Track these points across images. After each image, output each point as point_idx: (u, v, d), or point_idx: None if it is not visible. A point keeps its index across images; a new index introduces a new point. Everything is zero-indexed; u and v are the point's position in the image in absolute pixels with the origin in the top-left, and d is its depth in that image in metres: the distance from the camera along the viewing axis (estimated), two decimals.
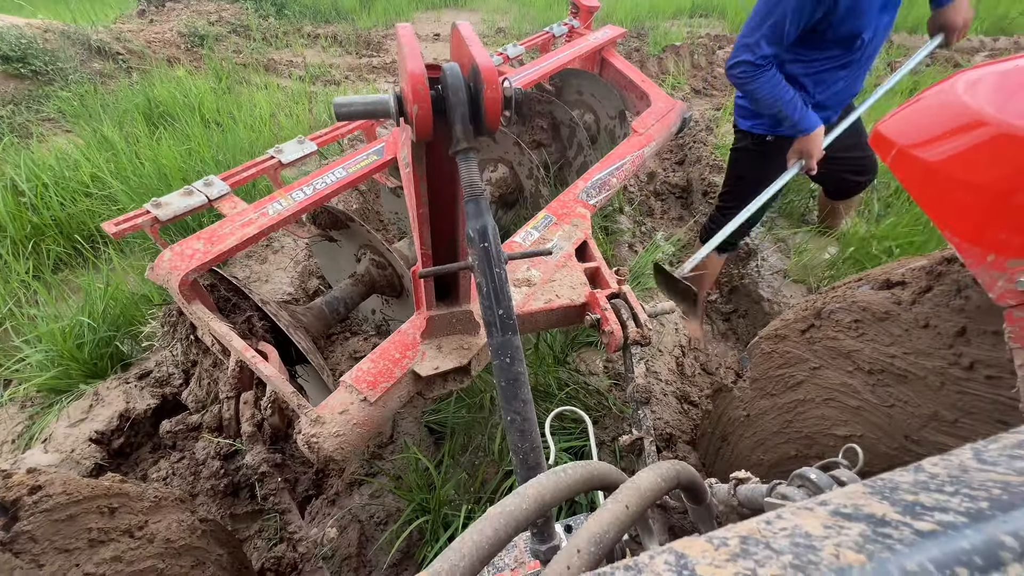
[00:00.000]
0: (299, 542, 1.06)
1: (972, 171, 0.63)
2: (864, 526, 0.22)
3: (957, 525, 0.21)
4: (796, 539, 0.22)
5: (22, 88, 4.03)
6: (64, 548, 0.68)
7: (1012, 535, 0.20)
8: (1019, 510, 0.21)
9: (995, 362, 0.72)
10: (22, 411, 1.78)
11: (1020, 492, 0.23)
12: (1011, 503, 0.22)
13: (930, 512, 0.23)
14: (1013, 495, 0.23)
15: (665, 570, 0.21)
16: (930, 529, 0.21)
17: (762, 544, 0.22)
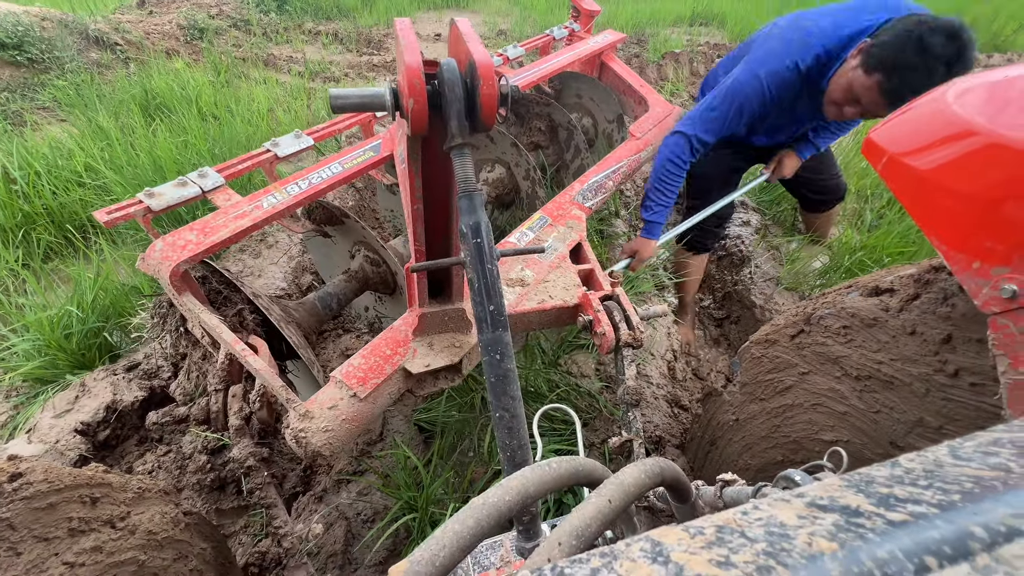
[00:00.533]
0: (284, 537, 1.05)
1: (961, 180, 0.64)
2: (838, 516, 0.23)
3: (929, 516, 0.21)
4: (771, 528, 0.22)
5: (17, 76, 4.00)
6: (43, 537, 0.67)
7: (982, 526, 0.20)
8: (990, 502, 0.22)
9: (979, 369, 0.73)
10: (7, 401, 1.75)
11: (991, 486, 0.23)
12: (982, 495, 0.22)
13: (903, 504, 0.23)
14: (985, 488, 0.23)
15: (640, 556, 0.21)
16: (902, 519, 0.21)
17: (737, 533, 0.22)
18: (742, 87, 1.77)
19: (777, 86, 1.72)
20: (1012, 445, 0.27)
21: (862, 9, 1.67)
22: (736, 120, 1.81)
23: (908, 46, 1.43)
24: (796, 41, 1.69)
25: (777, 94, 1.74)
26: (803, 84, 1.72)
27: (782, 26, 1.80)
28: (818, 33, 1.66)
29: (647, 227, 1.97)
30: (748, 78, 1.75)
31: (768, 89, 1.73)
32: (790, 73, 1.70)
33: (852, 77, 1.58)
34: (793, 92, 1.74)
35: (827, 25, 1.66)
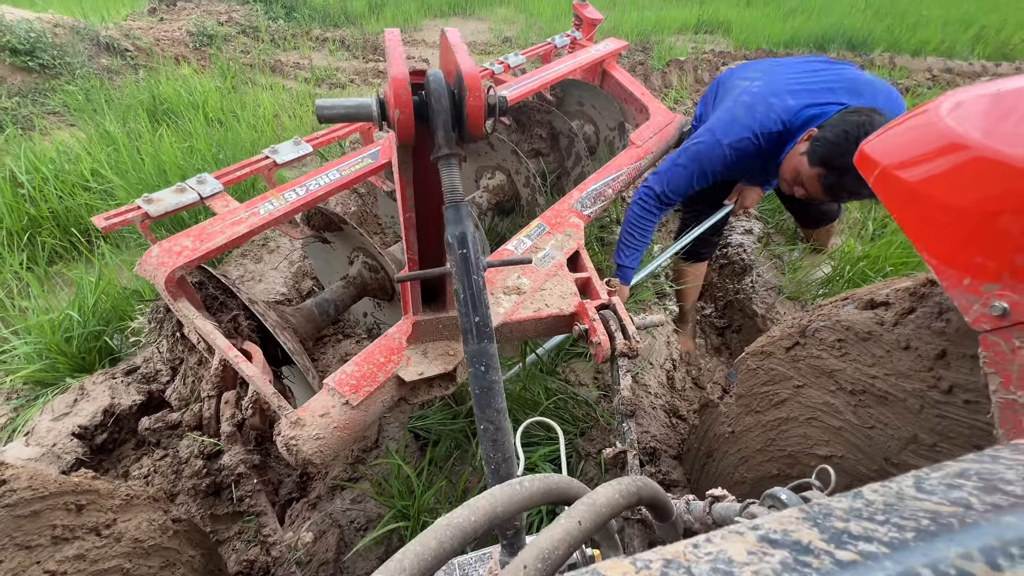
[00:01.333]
0: (273, 546, 1.05)
1: (951, 194, 0.63)
2: (787, 553, 0.22)
3: (878, 556, 0.21)
4: (718, 564, 0.22)
5: (29, 81, 4.07)
6: (25, 545, 0.67)
7: (930, 568, 0.19)
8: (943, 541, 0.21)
9: (973, 386, 0.71)
10: (7, 403, 1.77)
11: (947, 523, 0.22)
12: (935, 534, 0.21)
13: (855, 541, 0.22)
14: (940, 526, 0.22)
15: None
16: (850, 560, 0.21)
17: (683, 568, 0.22)
18: (707, 152, 1.85)
19: (738, 154, 1.81)
20: (978, 477, 0.26)
21: (828, 90, 1.74)
22: (702, 179, 1.89)
23: (845, 148, 1.49)
24: (760, 114, 1.77)
25: (739, 160, 1.82)
26: (763, 154, 1.81)
27: (749, 92, 1.86)
28: (781, 110, 1.74)
29: (620, 272, 2.01)
30: (712, 143, 1.83)
31: (730, 156, 1.81)
32: (751, 144, 1.78)
33: (798, 163, 1.66)
34: (754, 159, 1.83)
35: (792, 104, 1.74)
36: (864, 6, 8.08)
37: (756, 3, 8.36)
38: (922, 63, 6.03)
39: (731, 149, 1.80)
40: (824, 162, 1.57)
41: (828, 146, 1.55)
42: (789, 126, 1.74)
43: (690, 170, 1.88)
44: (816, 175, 1.61)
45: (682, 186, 1.91)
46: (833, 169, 1.55)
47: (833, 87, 1.75)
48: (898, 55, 6.25)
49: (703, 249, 2.30)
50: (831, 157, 1.54)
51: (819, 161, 1.58)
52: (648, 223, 1.98)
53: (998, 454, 0.30)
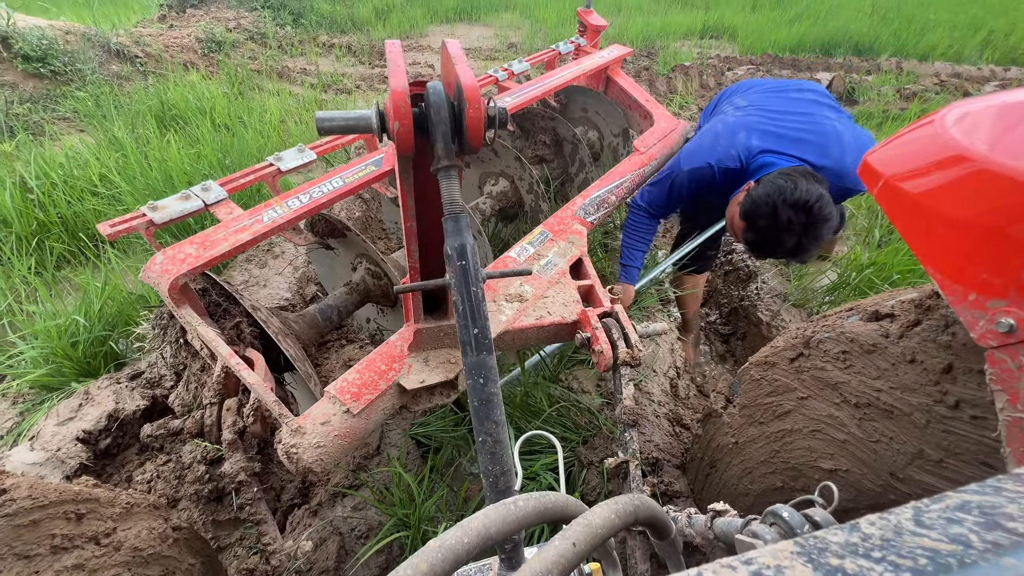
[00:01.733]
0: (272, 555, 1.05)
1: (955, 207, 0.62)
2: None
3: None
4: None
5: (40, 87, 4.12)
6: (24, 554, 0.68)
7: None
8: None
9: (980, 402, 0.70)
10: (13, 407, 1.78)
11: (944, 563, 0.22)
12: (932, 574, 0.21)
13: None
14: (937, 565, 0.21)
15: None
16: None
17: None
18: (672, 177, 1.90)
19: (696, 182, 1.85)
20: (979, 512, 0.25)
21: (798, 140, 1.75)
22: (675, 201, 1.94)
23: (763, 211, 1.54)
24: (722, 148, 1.80)
25: (697, 188, 1.86)
26: (719, 187, 1.83)
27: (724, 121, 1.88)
28: (743, 148, 1.77)
29: (624, 271, 2.04)
30: (675, 168, 1.89)
31: (688, 183, 1.86)
32: (707, 174, 1.82)
33: (734, 212, 1.70)
34: (711, 190, 1.86)
35: (755, 144, 1.76)
36: (871, 11, 8.05)
37: (762, 8, 8.36)
38: (929, 68, 5.99)
39: (689, 176, 1.84)
40: (747, 217, 1.60)
41: (751, 204, 1.58)
42: (745, 167, 1.77)
43: (663, 190, 1.94)
44: (741, 228, 1.66)
45: (662, 203, 1.96)
46: (752, 227, 1.60)
47: (805, 138, 1.75)
48: (905, 60, 6.21)
49: (700, 263, 2.30)
50: (752, 215, 1.58)
51: (743, 216, 1.62)
52: (644, 232, 2.02)
53: (1001, 485, 0.29)
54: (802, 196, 1.49)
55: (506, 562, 0.71)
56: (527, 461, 1.52)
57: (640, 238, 2.03)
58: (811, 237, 1.54)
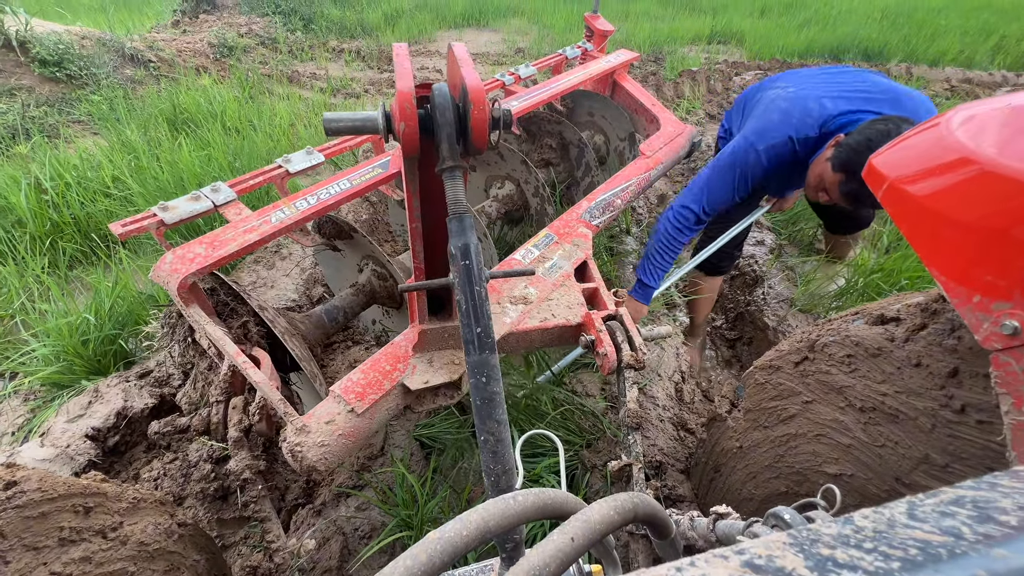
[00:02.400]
0: (276, 552, 1.05)
1: (961, 209, 0.62)
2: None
3: None
4: None
5: (56, 91, 4.20)
6: (33, 546, 0.69)
7: None
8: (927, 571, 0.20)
9: (986, 406, 0.69)
10: (24, 404, 1.81)
11: (935, 553, 0.22)
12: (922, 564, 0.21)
13: (839, 570, 0.22)
14: (928, 556, 0.21)
15: None
16: None
17: None
18: (743, 158, 1.81)
19: (776, 158, 1.76)
20: (973, 506, 0.26)
21: (866, 99, 1.70)
22: (742, 188, 1.85)
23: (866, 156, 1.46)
24: (795, 117, 1.73)
25: (776, 165, 1.78)
26: (799, 160, 1.77)
27: (784, 97, 1.83)
28: (818, 113, 1.71)
29: (642, 290, 1.97)
30: (747, 149, 1.80)
31: (766, 161, 1.77)
32: (786, 148, 1.74)
33: (823, 168, 1.64)
34: (790, 165, 1.79)
35: (829, 107, 1.70)
36: (880, 16, 8.01)
37: (770, 13, 8.35)
38: (940, 73, 5.95)
39: (767, 155, 1.76)
40: (845, 167, 1.54)
41: (849, 152, 1.52)
42: (825, 132, 1.70)
43: (728, 179, 1.84)
44: (837, 181, 1.58)
45: (723, 198, 1.87)
46: (853, 176, 1.52)
47: (871, 96, 1.71)
48: (915, 65, 6.17)
49: (724, 262, 2.26)
50: (851, 163, 1.51)
51: (840, 166, 1.55)
52: (679, 243, 1.95)
53: (997, 481, 0.29)
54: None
55: (507, 561, 0.71)
56: (530, 463, 1.52)
57: (672, 250, 1.95)
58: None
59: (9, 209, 2.47)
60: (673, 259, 1.97)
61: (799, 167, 1.79)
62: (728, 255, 2.24)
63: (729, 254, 2.23)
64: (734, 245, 2.21)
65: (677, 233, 1.93)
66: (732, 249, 2.22)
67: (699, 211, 1.89)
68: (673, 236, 1.93)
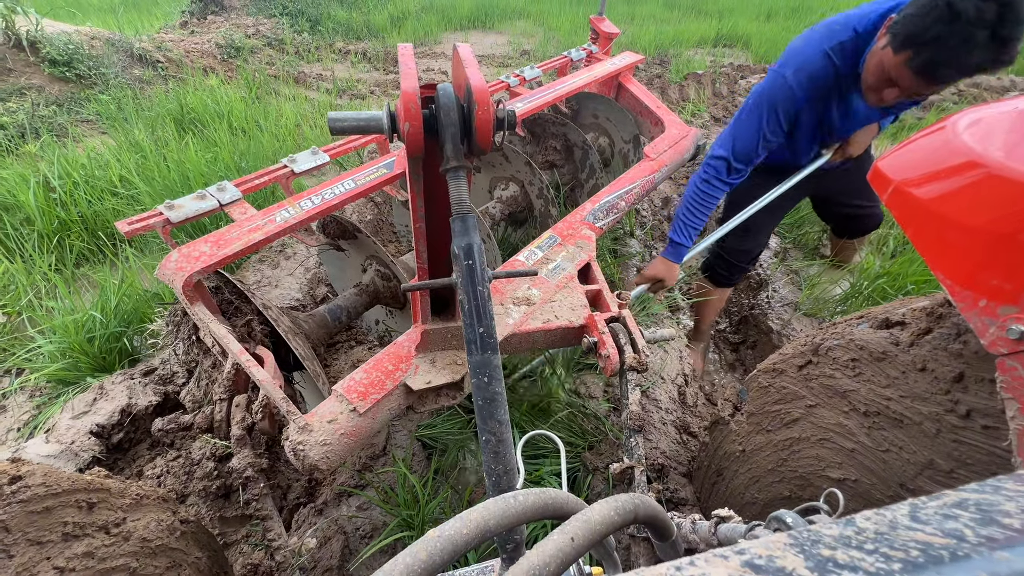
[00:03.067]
0: (277, 550, 1.05)
1: (967, 213, 0.62)
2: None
3: None
4: None
5: (66, 91, 4.24)
6: (37, 540, 0.69)
7: None
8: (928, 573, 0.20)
9: (992, 411, 0.69)
10: (30, 400, 1.82)
11: (936, 555, 0.21)
12: (923, 566, 0.21)
13: (840, 570, 0.21)
14: (929, 558, 0.21)
15: None
16: None
17: None
18: (771, 91, 1.63)
19: (809, 80, 1.57)
20: (976, 508, 0.25)
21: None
22: (772, 127, 1.66)
23: (933, 15, 1.25)
24: (821, 33, 1.56)
25: (811, 89, 1.58)
26: (838, 73, 1.55)
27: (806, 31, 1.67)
28: (844, 20, 1.54)
29: (672, 248, 1.86)
30: (774, 79, 1.62)
31: (797, 87, 1.58)
32: (820, 64, 1.55)
33: (882, 57, 1.42)
34: (831, 82, 1.57)
35: (855, 12, 1.53)
36: None
37: (776, 17, 8.33)
38: None
39: (797, 79, 1.56)
40: (911, 41, 1.32)
41: (912, 21, 1.30)
42: (861, 30, 1.50)
43: (756, 117, 1.66)
44: (903, 61, 1.35)
45: (751, 140, 1.69)
46: (923, 46, 1.30)
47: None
48: None
49: (734, 275, 2.20)
50: (919, 31, 1.29)
51: (902, 43, 1.33)
52: (710, 197, 1.79)
53: (1000, 484, 0.29)
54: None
55: (507, 562, 0.71)
56: (532, 465, 1.52)
57: (704, 204, 1.78)
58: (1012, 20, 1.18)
59: (18, 207, 2.50)
60: (705, 215, 1.82)
61: (845, 84, 1.57)
62: (739, 268, 2.19)
63: (740, 267, 2.18)
64: (748, 258, 2.14)
65: (706, 185, 1.78)
66: (745, 262, 2.16)
67: (728, 157, 1.73)
68: (702, 189, 1.78)
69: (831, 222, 2.46)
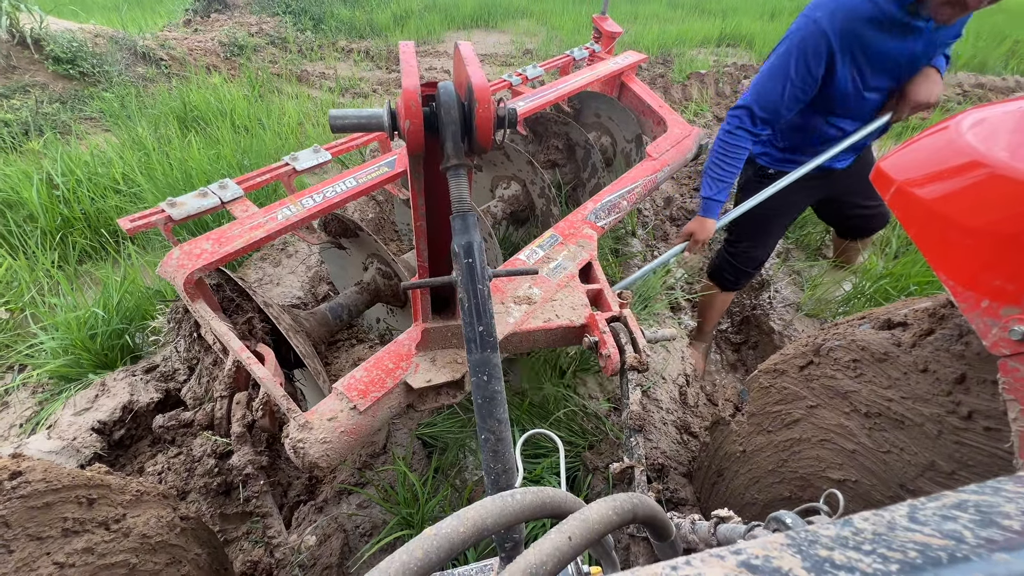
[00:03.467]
0: (277, 547, 1.06)
1: (970, 213, 0.62)
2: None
3: None
4: None
5: (69, 88, 4.25)
6: (37, 536, 0.69)
7: None
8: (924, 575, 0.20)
9: (994, 413, 0.68)
10: (32, 396, 1.83)
11: (934, 557, 0.21)
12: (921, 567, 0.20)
13: (836, 571, 0.21)
14: (927, 559, 0.21)
15: None
16: None
17: None
18: (798, 39, 1.51)
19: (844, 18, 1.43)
20: (975, 510, 0.25)
21: None
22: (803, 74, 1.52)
23: None
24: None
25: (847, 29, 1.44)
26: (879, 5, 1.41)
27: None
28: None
29: (705, 205, 1.81)
30: (801, 25, 1.51)
31: (830, 28, 1.45)
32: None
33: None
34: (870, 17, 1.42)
35: None
36: None
37: (780, 16, 8.30)
38: (952, 78, 5.89)
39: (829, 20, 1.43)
40: None
41: None
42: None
43: (783, 66, 1.54)
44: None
45: (776, 89, 1.58)
46: None
47: None
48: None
49: (740, 280, 2.18)
50: None
51: None
52: (738, 148, 1.70)
53: (1000, 486, 0.29)
54: None
55: (506, 560, 0.71)
56: (531, 464, 1.52)
57: (731, 157, 1.69)
58: None
59: (21, 204, 2.50)
60: (734, 168, 1.73)
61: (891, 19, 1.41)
62: (745, 273, 2.17)
63: (746, 272, 2.16)
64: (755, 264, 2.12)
65: (730, 136, 1.70)
66: (753, 268, 2.14)
67: (752, 105, 1.64)
68: (728, 141, 1.71)
69: (835, 224, 2.43)
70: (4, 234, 2.38)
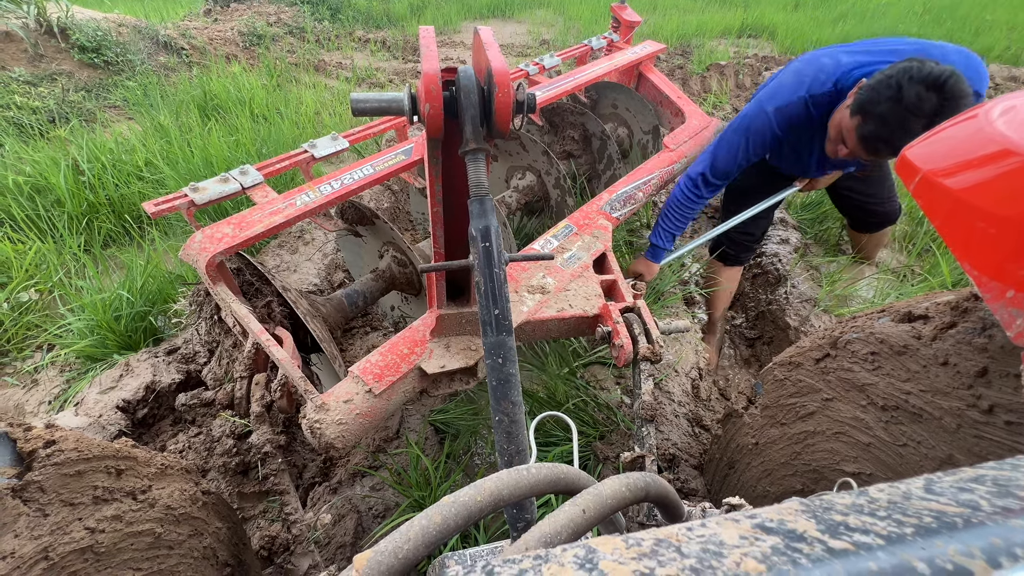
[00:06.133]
0: (294, 524, 1.09)
1: (999, 202, 0.60)
2: (779, 539, 0.22)
3: (872, 547, 0.20)
4: (708, 546, 0.22)
5: (94, 77, 4.34)
6: (69, 501, 0.72)
7: (926, 561, 0.19)
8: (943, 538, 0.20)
9: (1016, 407, 0.67)
10: (61, 375, 1.89)
11: (951, 522, 0.21)
12: (937, 531, 0.21)
13: (851, 533, 0.22)
14: (943, 524, 0.21)
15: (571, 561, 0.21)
16: (842, 548, 0.20)
17: (674, 547, 0.22)
18: (752, 122, 1.73)
19: (786, 120, 1.68)
20: (993, 483, 0.25)
21: (891, 52, 1.59)
22: (749, 154, 1.77)
23: (884, 93, 1.36)
24: (808, 75, 1.64)
25: (787, 129, 1.70)
26: (813, 122, 1.67)
27: (800, 59, 1.76)
28: (832, 68, 1.61)
29: (651, 249, 2.00)
30: (756, 112, 1.73)
31: (776, 125, 1.69)
32: (798, 108, 1.65)
33: (841, 116, 1.53)
34: (804, 128, 1.69)
35: (845, 61, 1.61)
36: (922, 11, 7.70)
37: (804, 6, 8.09)
38: None
39: (778, 116, 1.67)
40: (862, 109, 1.42)
41: (868, 91, 1.41)
42: (840, 86, 1.59)
43: (735, 144, 1.77)
44: (854, 126, 1.46)
45: (728, 163, 1.80)
46: (870, 117, 1.40)
47: (900, 49, 1.58)
48: None
49: (740, 253, 2.22)
50: (869, 104, 1.40)
51: (858, 108, 1.44)
52: (688, 209, 1.91)
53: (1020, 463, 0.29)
54: (932, 72, 1.29)
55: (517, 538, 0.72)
56: (543, 451, 1.53)
57: (681, 216, 1.92)
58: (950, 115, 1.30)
59: (49, 189, 2.57)
60: (683, 224, 1.95)
61: (816, 131, 1.68)
62: (745, 246, 2.19)
63: (745, 245, 2.19)
64: (753, 238, 2.16)
65: (684, 199, 1.90)
66: (751, 242, 2.17)
67: (707, 173, 1.83)
68: (681, 201, 1.91)
69: (847, 214, 2.43)
70: (33, 218, 2.45)
